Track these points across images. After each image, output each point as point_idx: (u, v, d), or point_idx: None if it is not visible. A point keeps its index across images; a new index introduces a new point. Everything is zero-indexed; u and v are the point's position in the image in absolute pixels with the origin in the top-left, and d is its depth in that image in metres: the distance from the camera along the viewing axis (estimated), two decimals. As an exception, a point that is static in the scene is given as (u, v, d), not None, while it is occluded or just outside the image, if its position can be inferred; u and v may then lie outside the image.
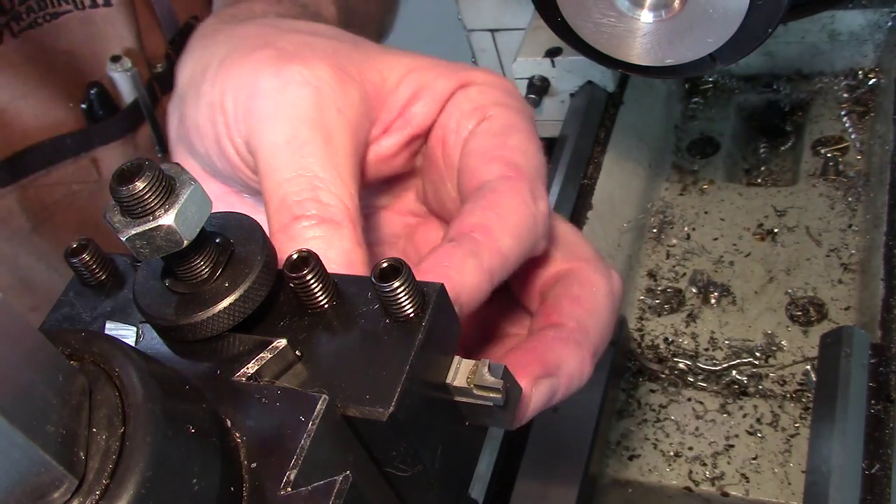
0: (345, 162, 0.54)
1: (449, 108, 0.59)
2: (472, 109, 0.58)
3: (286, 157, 0.53)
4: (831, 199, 1.04)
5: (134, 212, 0.41)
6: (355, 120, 0.56)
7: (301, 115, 0.54)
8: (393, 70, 0.59)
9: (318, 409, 0.40)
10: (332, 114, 0.55)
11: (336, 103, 0.55)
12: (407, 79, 0.59)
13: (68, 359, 0.37)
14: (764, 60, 1.19)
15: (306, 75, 0.55)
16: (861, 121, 1.10)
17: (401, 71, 0.59)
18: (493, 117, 0.58)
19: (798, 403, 0.89)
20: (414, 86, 0.59)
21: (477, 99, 0.59)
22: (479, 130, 0.57)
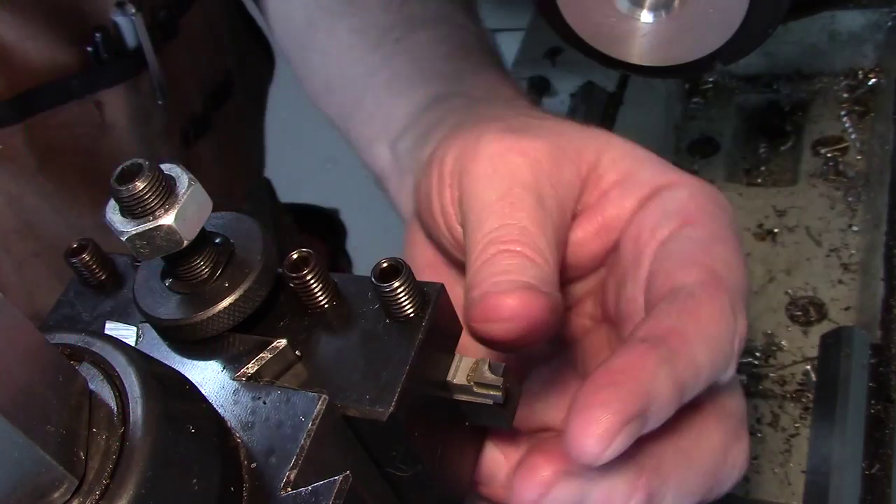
0: (552, 229, 0.53)
1: (651, 205, 0.56)
2: (675, 211, 0.55)
3: (498, 210, 0.53)
4: (831, 199, 1.04)
5: (134, 212, 0.41)
6: (565, 197, 0.55)
7: (516, 179, 0.54)
8: (607, 152, 0.58)
9: (318, 409, 0.40)
10: (546, 187, 0.54)
11: (550, 178, 0.55)
12: (617, 163, 0.57)
13: (68, 359, 0.37)
14: (764, 60, 1.19)
15: (526, 147, 0.55)
16: (861, 121, 1.10)
17: (613, 156, 0.58)
18: (698, 224, 0.54)
19: (798, 403, 0.89)
20: (619, 173, 0.57)
21: (683, 201, 0.55)
22: (681, 235, 0.53)
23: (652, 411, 0.44)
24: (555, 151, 0.56)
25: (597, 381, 0.44)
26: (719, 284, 0.50)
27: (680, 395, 0.45)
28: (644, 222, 0.55)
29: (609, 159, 0.57)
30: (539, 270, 0.50)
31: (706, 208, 0.55)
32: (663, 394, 0.44)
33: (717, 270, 0.51)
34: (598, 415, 0.42)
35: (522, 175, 0.54)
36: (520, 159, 0.55)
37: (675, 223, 0.54)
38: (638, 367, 0.44)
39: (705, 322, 0.48)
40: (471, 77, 0.72)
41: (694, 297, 0.49)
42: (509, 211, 0.53)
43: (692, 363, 0.46)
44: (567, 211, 0.56)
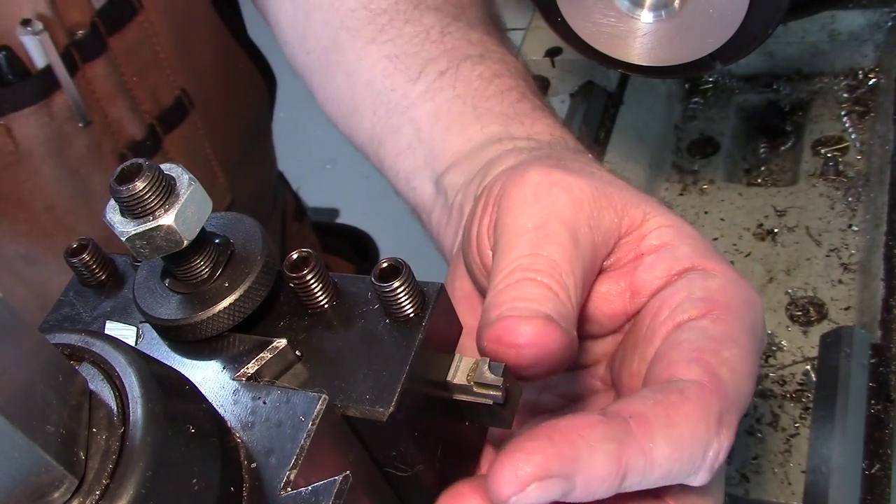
0: (581, 269, 0.53)
1: (679, 284, 0.54)
2: (702, 298, 0.52)
3: (530, 238, 0.53)
4: (831, 199, 1.04)
5: (134, 212, 0.41)
6: (600, 244, 0.55)
7: (555, 212, 0.54)
8: (654, 219, 0.57)
9: (318, 409, 0.40)
10: (583, 227, 0.54)
11: (590, 220, 0.54)
12: (661, 230, 0.56)
13: (68, 359, 0.37)
14: (764, 60, 1.19)
15: (571, 184, 0.55)
16: (861, 121, 1.10)
17: (659, 222, 0.56)
18: (720, 320, 0.51)
19: (798, 403, 0.89)
20: (660, 241, 0.56)
21: (712, 291, 0.53)
22: (698, 325, 0.51)
23: (579, 481, 0.43)
24: (599, 196, 0.55)
25: (536, 431, 0.44)
26: (714, 390, 0.48)
27: (619, 478, 0.44)
28: (667, 300, 0.54)
29: (655, 224, 0.56)
30: (560, 306, 0.50)
31: (732, 305, 0.52)
32: (597, 468, 0.43)
33: (719, 375, 0.49)
34: (517, 459, 0.42)
35: (562, 209, 0.54)
36: (563, 195, 0.54)
37: (697, 311, 0.52)
38: (579, 432, 0.44)
39: (679, 421, 0.46)
40: (530, 121, 0.71)
41: (682, 394, 0.47)
42: (542, 241, 0.52)
43: (645, 453, 0.45)
44: (598, 257, 0.55)
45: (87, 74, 0.88)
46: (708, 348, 0.50)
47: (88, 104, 0.88)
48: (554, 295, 0.50)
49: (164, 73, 0.95)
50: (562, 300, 0.50)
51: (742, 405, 0.50)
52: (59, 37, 0.86)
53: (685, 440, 0.46)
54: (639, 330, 0.55)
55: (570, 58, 1.15)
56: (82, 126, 0.88)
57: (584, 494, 0.44)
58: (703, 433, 0.46)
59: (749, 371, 0.50)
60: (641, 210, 0.56)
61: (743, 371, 0.50)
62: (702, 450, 0.46)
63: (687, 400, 0.47)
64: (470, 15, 0.83)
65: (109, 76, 0.90)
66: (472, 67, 0.76)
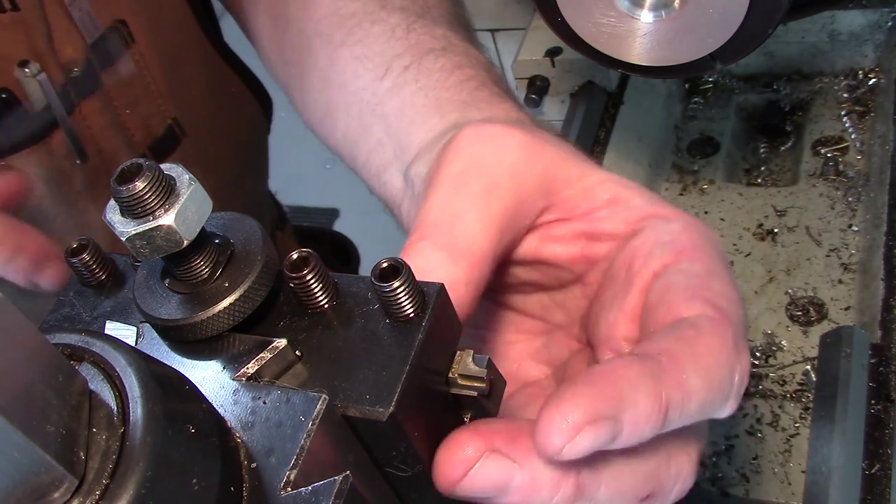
0: (494, 217, 0.55)
1: (646, 233, 0.56)
2: (670, 242, 0.55)
3: (444, 190, 0.56)
4: (831, 199, 1.04)
5: (134, 212, 0.41)
6: (526, 189, 0.57)
7: (474, 163, 0.57)
8: (595, 174, 0.59)
9: (318, 409, 0.40)
10: (503, 173, 0.56)
11: (514, 167, 0.57)
12: (606, 186, 0.58)
13: (68, 359, 0.37)
14: (764, 60, 1.19)
15: (499, 135, 0.58)
16: (861, 121, 1.10)
17: (602, 178, 0.59)
18: (694, 258, 0.54)
19: (798, 403, 0.89)
20: (611, 195, 0.58)
21: (676, 234, 0.55)
22: (678, 268, 0.53)
23: (626, 421, 0.43)
24: (526, 146, 0.58)
25: (574, 380, 0.44)
26: (723, 319, 0.50)
27: (662, 414, 0.45)
28: (637, 250, 0.55)
29: (597, 179, 0.58)
30: (447, 271, 0.52)
31: (698, 243, 0.55)
32: (641, 406, 0.44)
33: (720, 305, 0.51)
34: (565, 409, 0.42)
35: (483, 158, 0.57)
36: (487, 145, 0.57)
37: (669, 255, 0.54)
38: (618, 374, 0.45)
39: (704, 352, 0.48)
40: (487, 106, 0.72)
41: (696, 328, 0.49)
42: (452, 193, 0.55)
43: (681, 386, 0.46)
44: (526, 204, 0.57)
45: (83, 111, 0.89)
46: (699, 285, 0.52)
47: (85, 140, 0.89)
48: (444, 257, 0.53)
49: (156, 104, 0.96)
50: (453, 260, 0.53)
51: (745, 329, 0.52)
52: (56, 75, 0.86)
53: (713, 369, 0.47)
54: (613, 282, 0.57)
55: (570, 58, 1.15)
56: (80, 163, 0.89)
57: (630, 436, 0.44)
58: (726, 359, 0.48)
59: (739, 296, 0.53)
60: (578, 167, 0.59)
61: (735, 297, 0.52)
62: (729, 376, 0.48)
63: (703, 332, 0.48)
64: (435, 13, 0.85)
65: (104, 111, 0.91)
66: (435, 60, 0.77)
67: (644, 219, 0.57)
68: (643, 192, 0.59)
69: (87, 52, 0.88)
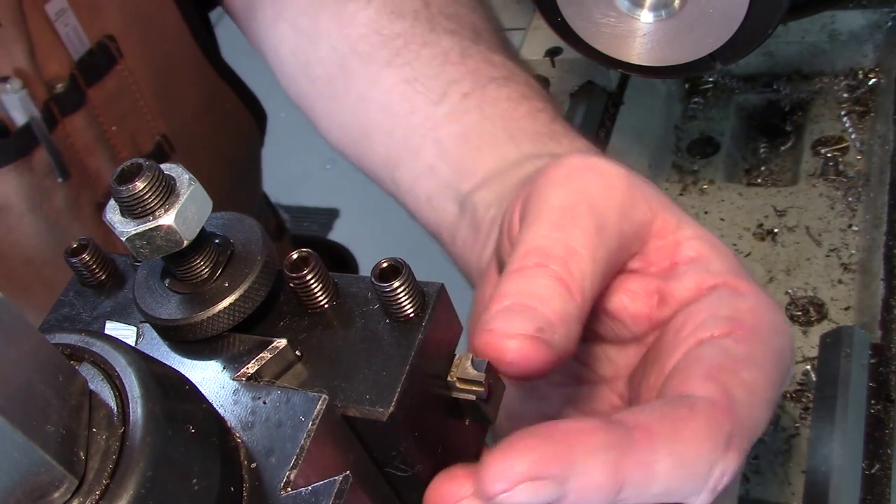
0: (601, 257, 0.51)
1: (707, 300, 0.52)
2: (728, 317, 0.51)
3: (554, 218, 0.51)
4: (831, 199, 1.04)
5: (134, 212, 0.41)
6: (627, 235, 0.53)
7: (585, 195, 0.52)
8: (689, 228, 0.55)
9: (318, 409, 0.40)
10: (613, 213, 0.52)
11: (621, 207, 0.53)
12: (694, 243, 0.54)
13: (68, 359, 0.37)
14: (764, 60, 1.19)
15: (607, 171, 0.54)
16: (861, 121, 1.10)
17: (694, 233, 0.55)
18: (744, 340, 0.50)
19: (798, 403, 0.89)
20: (695, 252, 0.54)
21: (741, 311, 0.51)
22: (720, 343, 0.50)
23: (572, 487, 0.42)
24: (634, 188, 0.54)
25: (534, 429, 0.43)
26: (727, 409, 0.46)
27: (615, 490, 0.43)
28: (692, 315, 0.52)
29: (690, 234, 0.55)
30: (566, 302, 0.49)
31: (759, 328, 0.51)
32: (592, 476, 0.42)
33: (733, 395, 0.47)
34: (512, 457, 0.41)
35: (593, 193, 0.52)
36: (596, 179, 0.53)
37: (721, 330, 0.50)
38: (578, 436, 0.42)
39: (685, 437, 0.44)
40: (568, 140, 0.69)
41: (691, 410, 0.45)
42: (565, 223, 0.51)
43: (646, 467, 0.43)
44: (626, 248, 0.54)
45: (66, 128, 0.87)
46: (727, 367, 0.48)
47: (67, 157, 0.88)
48: (563, 289, 0.49)
49: (145, 120, 0.95)
50: (570, 293, 0.49)
51: (755, 431, 0.48)
52: (39, 92, 0.85)
53: (689, 457, 0.44)
54: (661, 344, 0.53)
55: (570, 58, 1.15)
56: (61, 181, 0.87)
57: (575, 502, 0.42)
58: (708, 452, 0.44)
59: (767, 397, 0.49)
60: (676, 216, 0.55)
61: (761, 395, 0.48)
62: (706, 469, 0.45)
63: (696, 416, 0.45)
64: (487, 39, 0.82)
65: (89, 128, 0.90)
66: (498, 89, 0.74)
67: (716, 286, 0.53)
68: (728, 256, 0.55)
69: (73, 67, 0.87)
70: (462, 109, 0.74)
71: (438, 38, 0.80)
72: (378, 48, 0.82)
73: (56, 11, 0.85)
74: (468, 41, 0.80)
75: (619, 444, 0.43)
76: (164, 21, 0.97)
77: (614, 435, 0.43)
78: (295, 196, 2.65)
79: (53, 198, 0.88)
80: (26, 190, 0.85)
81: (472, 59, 0.78)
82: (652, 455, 0.43)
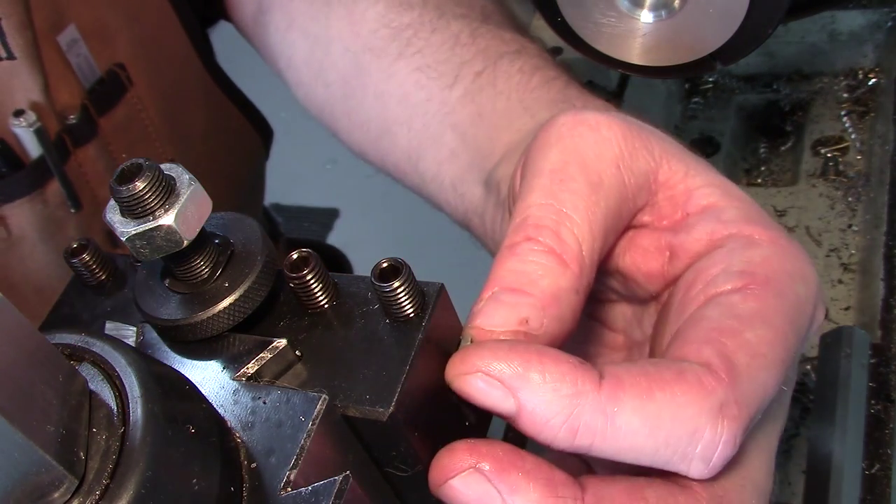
0: (599, 215, 0.49)
1: (721, 254, 0.49)
2: (740, 272, 0.48)
3: (545, 183, 0.50)
4: (831, 199, 1.04)
5: (134, 212, 0.41)
6: (629, 188, 0.51)
7: (576, 154, 0.50)
8: (700, 176, 0.52)
9: (318, 409, 0.40)
10: (608, 167, 0.50)
11: (619, 159, 0.51)
12: (707, 190, 0.52)
13: (68, 359, 0.37)
14: (764, 60, 1.19)
15: (600, 124, 0.51)
16: (861, 121, 1.10)
17: (706, 180, 0.52)
18: (753, 295, 0.47)
19: (798, 403, 0.89)
20: (708, 201, 0.52)
21: (754, 263, 0.48)
22: (727, 300, 0.47)
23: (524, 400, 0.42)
24: (632, 136, 0.51)
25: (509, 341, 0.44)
26: (722, 376, 0.44)
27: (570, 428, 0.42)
28: (702, 272, 0.49)
29: (701, 181, 0.52)
30: (556, 279, 0.47)
31: (774, 279, 0.48)
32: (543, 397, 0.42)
33: (732, 360, 0.44)
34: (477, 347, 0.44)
35: (584, 149, 0.50)
36: (588, 133, 0.51)
37: (732, 285, 0.48)
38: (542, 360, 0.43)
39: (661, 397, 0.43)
40: (582, 102, 0.68)
41: (679, 373, 0.44)
42: (557, 188, 0.49)
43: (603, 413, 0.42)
44: (630, 200, 0.51)
45: (78, 158, 0.88)
46: (729, 328, 0.46)
47: (79, 187, 0.88)
48: (555, 263, 0.47)
49: (153, 147, 0.95)
50: (563, 265, 0.48)
51: (760, 395, 0.45)
52: (52, 123, 0.85)
53: (663, 419, 0.42)
54: (672, 302, 0.51)
55: (570, 58, 1.15)
56: (74, 211, 0.88)
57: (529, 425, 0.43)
58: (689, 417, 0.43)
59: (777, 357, 0.46)
60: (684, 163, 0.52)
61: (768, 356, 0.45)
62: (686, 435, 0.43)
63: (682, 380, 0.43)
64: (497, 19, 0.82)
65: (100, 158, 0.90)
66: (511, 63, 0.73)
67: (729, 237, 0.50)
68: (743, 202, 0.52)
69: (84, 97, 0.87)
70: (476, 89, 0.74)
71: (448, 23, 0.79)
72: (389, 41, 0.81)
73: (68, 42, 0.85)
74: (477, 22, 0.79)
75: (581, 384, 0.42)
76: (172, 45, 0.97)
77: (581, 374, 0.42)
78: (295, 196, 2.65)
79: (66, 228, 0.88)
80: (39, 221, 0.86)
81: (483, 38, 0.77)
82: (613, 404, 0.42)
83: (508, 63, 0.74)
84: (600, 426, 0.42)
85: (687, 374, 0.43)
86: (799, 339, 0.48)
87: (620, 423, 0.42)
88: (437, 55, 0.78)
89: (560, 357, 0.43)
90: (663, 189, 0.52)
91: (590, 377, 0.42)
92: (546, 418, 0.42)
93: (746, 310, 0.46)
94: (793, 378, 0.52)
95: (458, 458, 0.43)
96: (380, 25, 0.83)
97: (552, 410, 0.42)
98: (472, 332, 0.47)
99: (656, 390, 0.43)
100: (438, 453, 0.44)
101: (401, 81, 0.79)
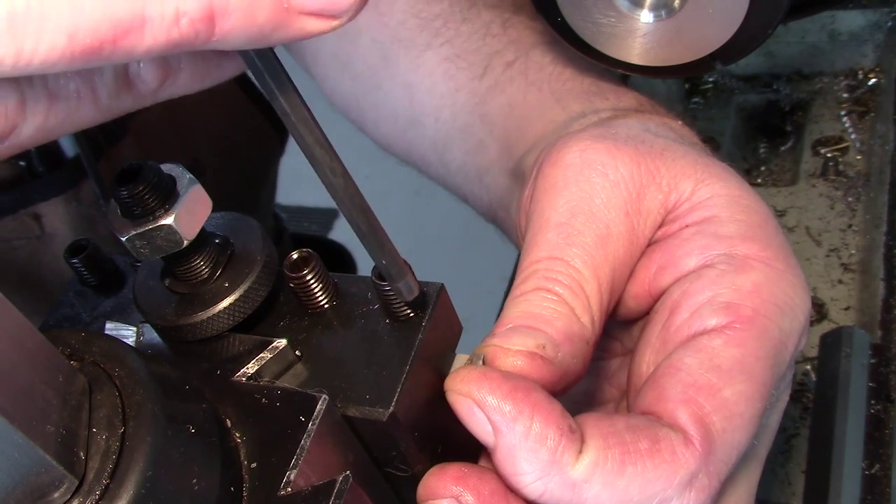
0: (608, 270, 0.49)
1: (710, 277, 0.49)
2: (726, 305, 0.47)
3: (552, 239, 0.49)
4: (831, 199, 1.04)
5: (134, 212, 0.41)
6: (641, 228, 0.51)
7: (584, 202, 0.50)
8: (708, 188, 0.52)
9: (318, 409, 0.40)
10: (617, 214, 0.50)
11: (628, 203, 0.50)
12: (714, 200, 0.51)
13: (68, 359, 0.37)
14: (764, 60, 1.19)
15: (608, 165, 0.51)
16: (861, 121, 1.10)
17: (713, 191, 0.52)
18: (735, 341, 0.46)
19: (798, 403, 0.89)
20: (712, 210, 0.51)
21: (742, 294, 0.47)
22: (709, 345, 0.47)
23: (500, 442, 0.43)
24: (642, 174, 0.51)
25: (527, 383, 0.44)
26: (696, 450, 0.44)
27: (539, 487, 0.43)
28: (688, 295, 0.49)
29: (707, 193, 0.52)
30: (569, 323, 0.47)
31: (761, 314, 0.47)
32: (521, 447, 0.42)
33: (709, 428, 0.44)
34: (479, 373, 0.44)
35: (593, 198, 0.50)
36: (597, 179, 0.50)
37: (717, 321, 0.47)
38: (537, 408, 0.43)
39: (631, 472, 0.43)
40: (615, 95, 0.67)
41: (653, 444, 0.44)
42: (564, 242, 0.49)
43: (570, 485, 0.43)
44: (638, 245, 0.51)
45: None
46: (707, 385, 0.45)
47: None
48: (566, 310, 0.48)
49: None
50: (574, 315, 0.48)
51: (733, 458, 0.46)
52: None
53: (631, 493, 0.43)
54: (654, 325, 0.51)
55: (570, 58, 1.15)
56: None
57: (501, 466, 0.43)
58: (658, 491, 0.43)
59: (754, 412, 0.46)
60: (692, 180, 0.52)
61: (745, 415, 0.46)
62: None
63: (656, 453, 0.43)
64: (529, 9, 0.79)
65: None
66: (543, 54, 0.72)
67: (721, 256, 0.49)
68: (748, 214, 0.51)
69: None
70: (507, 79, 0.73)
71: (479, 13, 0.78)
72: (417, 32, 0.80)
73: None
74: (509, 13, 0.78)
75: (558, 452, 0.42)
76: None
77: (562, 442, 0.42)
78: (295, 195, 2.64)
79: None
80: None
81: (514, 29, 0.76)
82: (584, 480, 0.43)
83: (540, 54, 0.73)
84: (566, 497, 0.43)
85: (662, 444, 0.44)
86: (777, 379, 0.48)
87: (588, 496, 0.43)
88: (466, 45, 0.77)
89: (552, 417, 0.43)
90: (675, 208, 0.53)
91: (570, 449, 0.43)
92: (517, 471, 0.43)
93: (727, 359, 0.46)
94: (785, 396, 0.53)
95: (444, 482, 0.43)
96: (408, 16, 0.81)
97: (525, 468, 0.43)
98: (487, 350, 0.47)
99: (628, 464, 0.43)
100: (432, 469, 0.44)
101: (429, 72, 0.78)
